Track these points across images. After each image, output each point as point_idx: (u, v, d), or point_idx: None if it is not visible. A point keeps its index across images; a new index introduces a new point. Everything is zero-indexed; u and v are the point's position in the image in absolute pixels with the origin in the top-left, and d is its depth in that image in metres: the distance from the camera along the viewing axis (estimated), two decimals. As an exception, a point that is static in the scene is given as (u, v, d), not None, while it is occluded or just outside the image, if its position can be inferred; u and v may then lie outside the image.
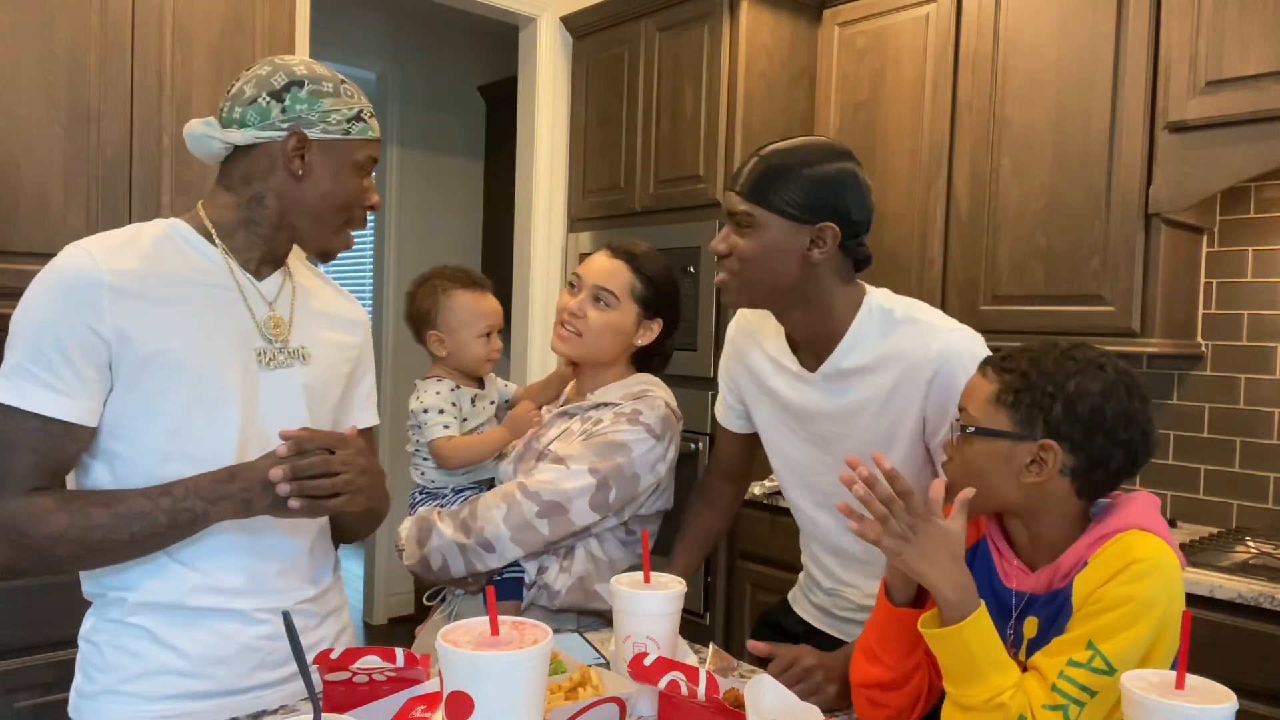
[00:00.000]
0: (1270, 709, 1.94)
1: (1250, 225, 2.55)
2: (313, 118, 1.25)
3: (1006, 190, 2.67)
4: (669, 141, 3.20)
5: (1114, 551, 1.10)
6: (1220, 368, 2.59)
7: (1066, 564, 1.14)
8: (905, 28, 2.92)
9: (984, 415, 1.16)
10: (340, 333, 1.40)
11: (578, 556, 1.65)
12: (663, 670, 1.09)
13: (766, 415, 1.62)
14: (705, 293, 3.04)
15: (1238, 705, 0.92)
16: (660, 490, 1.71)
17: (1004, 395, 1.15)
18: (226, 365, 1.23)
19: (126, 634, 1.21)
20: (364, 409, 1.46)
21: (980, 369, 1.21)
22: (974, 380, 1.21)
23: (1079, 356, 1.15)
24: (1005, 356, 1.20)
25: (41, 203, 2.21)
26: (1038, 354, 1.17)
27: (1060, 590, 1.14)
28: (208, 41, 2.42)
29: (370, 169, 1.32)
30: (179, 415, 1.19)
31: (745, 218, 1.40)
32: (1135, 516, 1.14)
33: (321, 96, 1.26)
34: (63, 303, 1.14)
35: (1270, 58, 2.18)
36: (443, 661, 0.94)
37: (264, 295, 1.30)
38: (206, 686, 1.22)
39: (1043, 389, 1.13)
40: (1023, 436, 1.13)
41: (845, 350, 1.45)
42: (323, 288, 1.43)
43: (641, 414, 1.64)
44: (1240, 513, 2.55)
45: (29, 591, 1.98)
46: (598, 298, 1.70)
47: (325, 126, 1.25)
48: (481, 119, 4.98)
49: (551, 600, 1.64)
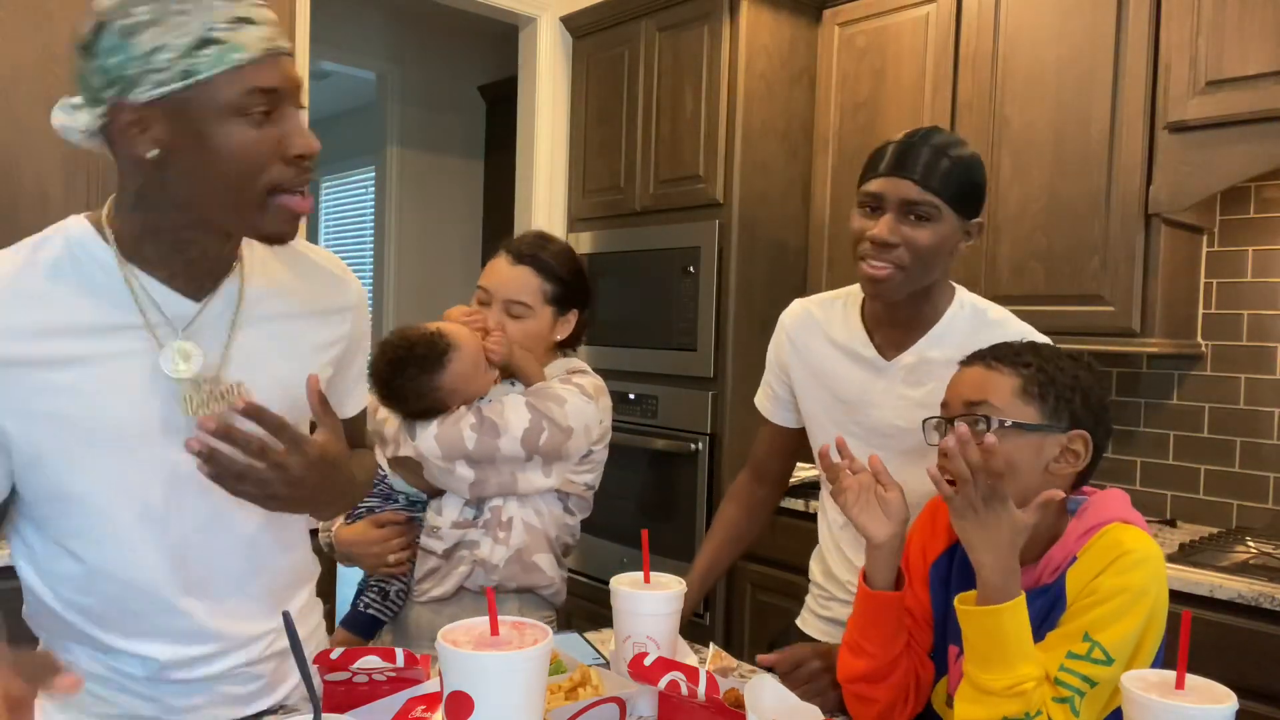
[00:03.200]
0: (1270, 709, 1.94)
1: (1250, 225, 2.55)
2: (134, 73, 0.90)
3: (1006, 190, 2.67)
4: (669, 141, 3.20)
5: (1104, 545, 1.12)
6: (1220, 368, 2.59)
7: (1056, 558, 1.15)
8: (905, 28, 2.91)
9: (1011, 408, 1.15)
10: (316, 328, 1.16)
11: (515, 528, 1.64)
12: (663, 670, 1.10)
13: (818, 405, 1.58)
14: (705, 293, 3.04)
15: (1238, 705, 0.92)
16: (592, 462, 1.72)
17: (1029, 388, 1.15)
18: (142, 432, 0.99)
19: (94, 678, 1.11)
20: (351, 395, 1.27)
21: (984, 362, 1.19)
22: (982, 373, 1.18)
23: (1062, 352, 1.19)
24: (1001, 350, 1.19)
25: (41, 203, 2.21)
26: (1033, 348, 1.18)
27: (1050, 585, 1.14)
28: (208, 41, 2.41)
29: (268, 102, 0.93)
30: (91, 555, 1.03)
31: (928, 209, 1.35)
32: (1116, 510, 1.16)
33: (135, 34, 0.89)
34: None
35: (1270, 58, 2.18)
36: (443, 661, 0.94)
37: (173, 323, 1.02)
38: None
39: (1064, 382, 1.15)
40: (1053, 428, 1.15)
41: (935, 339, 1.46)
42: (293, 280, 1.14)
43: (573, 379, 1.69)
44: (1240, 513, 2.55)
45: (29, 591, 1.97)
46: (511, 312, 1.69)
47: (153, 78, 0.90)
48: (481, 119, 4.98)
49: (489, 576, 1.63)
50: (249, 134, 0.93)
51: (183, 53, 0.90)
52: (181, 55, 0.90)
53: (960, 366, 1.22)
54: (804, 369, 1.60)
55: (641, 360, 3.20)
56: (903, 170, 1.35)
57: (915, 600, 1.29)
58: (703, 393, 3.05)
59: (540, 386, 1.67)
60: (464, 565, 1.64)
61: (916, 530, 1.33)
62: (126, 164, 0.98)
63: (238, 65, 0.91)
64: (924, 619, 1.28)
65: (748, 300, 3.05)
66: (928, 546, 1.30)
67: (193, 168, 0.94)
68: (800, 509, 2.80)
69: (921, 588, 1.29)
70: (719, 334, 3.03)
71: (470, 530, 1.64)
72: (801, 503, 2.79)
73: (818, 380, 1.57)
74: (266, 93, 0.93)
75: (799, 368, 1.61)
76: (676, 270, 3.12)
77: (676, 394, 3.16)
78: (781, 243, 3.15)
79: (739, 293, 3.03)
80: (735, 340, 3.03)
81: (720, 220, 3.03)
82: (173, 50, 0.90)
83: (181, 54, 0.90)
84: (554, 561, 1.71)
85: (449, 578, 1.66)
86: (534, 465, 1.62)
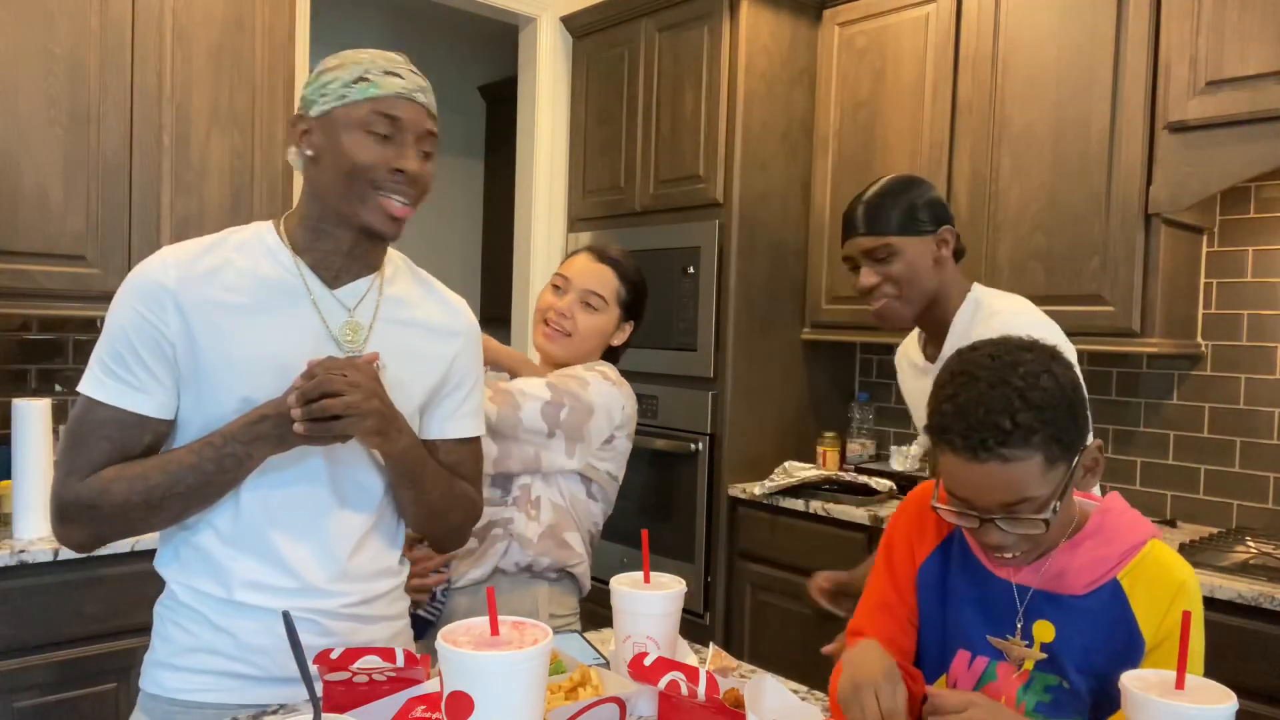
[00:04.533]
0: (1270, 709, 1.94)
1: (1250, 225, 2.55)
2: (314, 97, 1.23)
3: (1006, 190, 2.67)
4: (669, 141, 3.20)
5: (1157, 573, 1.11)
6: (1220, 368, 2.59)
7: (1087, 572, 1.12)
8: (905, 28, 2.92)
9: (1048, 482, 1.05)
10: (431, 343, 1.35)
11: (543, 506, 1.70)
12: (663, 670, 1.10)
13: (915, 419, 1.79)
14: (705, 293, 3.04)
15: (1238, 705, 0.92)
16: (614, 449, 1.75)
17: (1050, 452, 1.05)
18: (285, 373, 1.20)
19: (184, 613, 1.26)
20: (454, 419, 1.40)
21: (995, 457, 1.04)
22: (1002, 470, 1.04)
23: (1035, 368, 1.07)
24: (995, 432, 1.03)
25: (41, 203, 2.21)
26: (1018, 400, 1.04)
27: (1084, 597, 1.12)
28: (208, 41, 2.42)
29: (388, 127, 1.21)
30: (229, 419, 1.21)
31: (882, 250, 1.59)
32: (1141, 523, 1.16)
33: (325, 73, 1.23)
34: (134, 306, 1.21)
35: (1270, 58, 2.18)
36: (443, 661, 0.94)
37: (342, 303, 1.28)
38: (250, 671, 1.25)
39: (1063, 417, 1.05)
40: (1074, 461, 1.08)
41: (954, 338, 1.59)
42: (422, 298, 1.37)
43: (595, 367, 1.75)
44: (1240, 513, 2.55)
45: (28, 592, 1.98)
46: (588, 302, 1.76)
47: (322, 100, 1.22)
48: (481, 119, 4.99)
49: (525, 550, 1.68)
50: (369, 144, 1.21)
51: (344, 84, 1.22)
52: (343, 86, 1.22)
53: (965, 462, 1.06)
54: (907, 395, 1.85)
55: (641, 360, 3.20)
56: (853, 231, 1.63)
57: (900, 601, 1.26)
58: (703, 393, 3.05)
59: (562, 371, 1.72)
60: (500, 543, 1.68)
61: (900, 527, 1.30)
62: (301, 164, 1.26)
63: (375, 97, 1.21)
64: (908, 620, 1.26)
65: (748, 300, 3.05)
66: (915, 546, 1.27)
67: (330, 164, 1.22)
68: (800, 509, 2.80)
69: (909, 589, 1.26)
70: (719, 334, 3.04)
71: (502, 508, 1.69)
72: (801, 503, 2.79)
73: (913, 402, 1.81)
74: (389, 119, 1.21)
75: (907, 395, 1.85)
76: (676, 270, 3.13)
77: (676, 394, 3.16)
78: (781, 243, 3.15)
79: (739, 293, 3.03)
80: (735, 340, 3.03)
81: (720, 220, 3.03)
82: (340, 83, 1.22)
83: (343, 85, 1.22)
84: (582, 541, 1.76)
85: (485, 559, 1.69)
86: (556, 442, 1.67)
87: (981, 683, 1.18)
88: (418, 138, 1.24)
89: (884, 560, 1.31)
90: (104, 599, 2.06)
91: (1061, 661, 1.13)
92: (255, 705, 1.25)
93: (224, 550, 1.24)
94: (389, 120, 1.21)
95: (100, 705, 2.07)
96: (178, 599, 1.27)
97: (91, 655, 2.05)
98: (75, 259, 2.26)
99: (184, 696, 1.25)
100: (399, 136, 1.22)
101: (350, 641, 1.29)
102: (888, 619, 1.27)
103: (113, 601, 2.07)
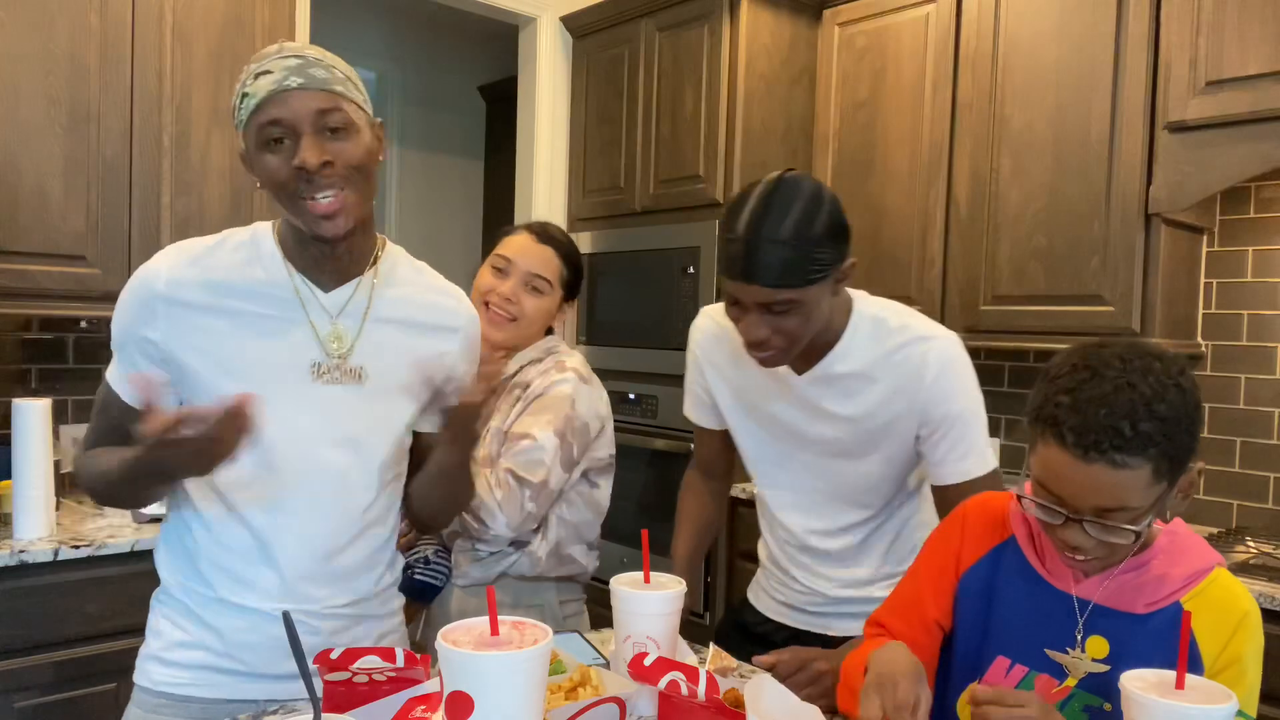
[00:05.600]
0: (1270, 709, 1.93)
1: (1250, 225, 2.55)
2: (240, 125, 1.20)
3: (1006, 190, 2.67)
4: (669, 141, 3.20)
5: (1219, 597, 1.09)
6: (1220, 368, 2.59)
7: (1149, 591, 1.10)
8: (905, 28, 2.92)
9: (1148, 495, 1.02)
10: (428, 341, 1.33)
11: (551, 524, 1.71)
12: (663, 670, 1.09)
13: (734, 410, 1.62)
14: (705, 293, 3.04)
15: (1238, 705, 0.92)
16: (603, 435, 1.75)
17: (1160, 466, 1.01)
18: (268, 379, 1.22)
19: (174, 607, 1.29)
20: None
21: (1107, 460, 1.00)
22: (1111, 475, 1.00)
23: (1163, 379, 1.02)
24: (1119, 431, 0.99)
25: (41, 203, 2.21)
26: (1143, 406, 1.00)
27: (1144, 617, 1.10)
28: (208, 41, 2.42)
29: (279, 133, 1.16)
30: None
31: (784, 305, 1.32)
32: (1208, 549, 1.13)
33: (239, 93, 1.19)
34: (128, 305, 1.25)
35: (1270, 58, 2.18)
36: (443, 661, 0.94)
37: (331, 308, 1.27)
38: (237, 666, 1.26)
39: (1183, 435, 1.01)
40: (1177, 480, 1.05)
41: (838, 356, 1.46)
42: (418, 294, 1.35)
43: (564, 363, 1.71)
44: (1240, 513, 2.55)
45: (28, 592, 1.98)
46: (534, 286, 1.72)
47: (239, 129, 1.20)
48: (481, 119, 4.98)
49: (533, 567, 1.70)
50: (273, 158, 1.18)
51: (238, 108, 1.19)
52: (239, 110, 1.19)
53: (1071, 458, 1.01)
54: (717, 376, 1.62)
55: (641, 360, 3.20)
56: (749, 276, 1.30)
57: (934, 604, 1.25)
58: (703, 393, 3.05)
59: (542, 390, 1.67)
60: (509, 557, 1.69)
61: (945, 537, 1.28)
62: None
63: (255, 108, 1.16)
64: (936, 623, 1.25)
65: (748, 300, 3.05)
66: (962, 552, 1.24)
67: (264, 186, 1.21)
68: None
69: (947, 596, 1.25)
70: (719, 334, 3.04)
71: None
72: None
73: (729, 385, 1.60)
74: (273, 124, 1.16)
75: (713, 376, 1.63)
76: (676, 270, 3.13)
77: (677, 394, 3.15)
78: (781, 243, 3.14)
79: (739, 293, 3.02)
80: (735, 340, 3.03)
81: (720, 220, 3.03)
82: (238, 109, 1.19)
83: (239, 109, 1.19)
84: (585, 549, 1.79)
85: (493, 566, 1.69)
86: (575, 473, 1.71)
87: None
88: (312, 123, 1.16)
89: (922, 565, 1.30)
90: (104, 599, 2.06)
91: (1109, 682, 1.09)
92: (243, 701, 1.26)
93: (213, 548, 1.26)
94: (274, 124, 1.16)
95: (100, 705, 2.07)
96: (170, 594, 1.30)
97: (91, 655, 2.05)
98: (75, 259, 2.26)
99: (173, 690, 1.26)
100: (290, 135, 1.17)
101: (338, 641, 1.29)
102: (914, 618, 1.26)
103: (113, 601, 2.07)
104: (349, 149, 1.19)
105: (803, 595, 1.62)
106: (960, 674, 1.23)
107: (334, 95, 1.18)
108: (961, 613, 1.24)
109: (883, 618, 1.31)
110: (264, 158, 1.18)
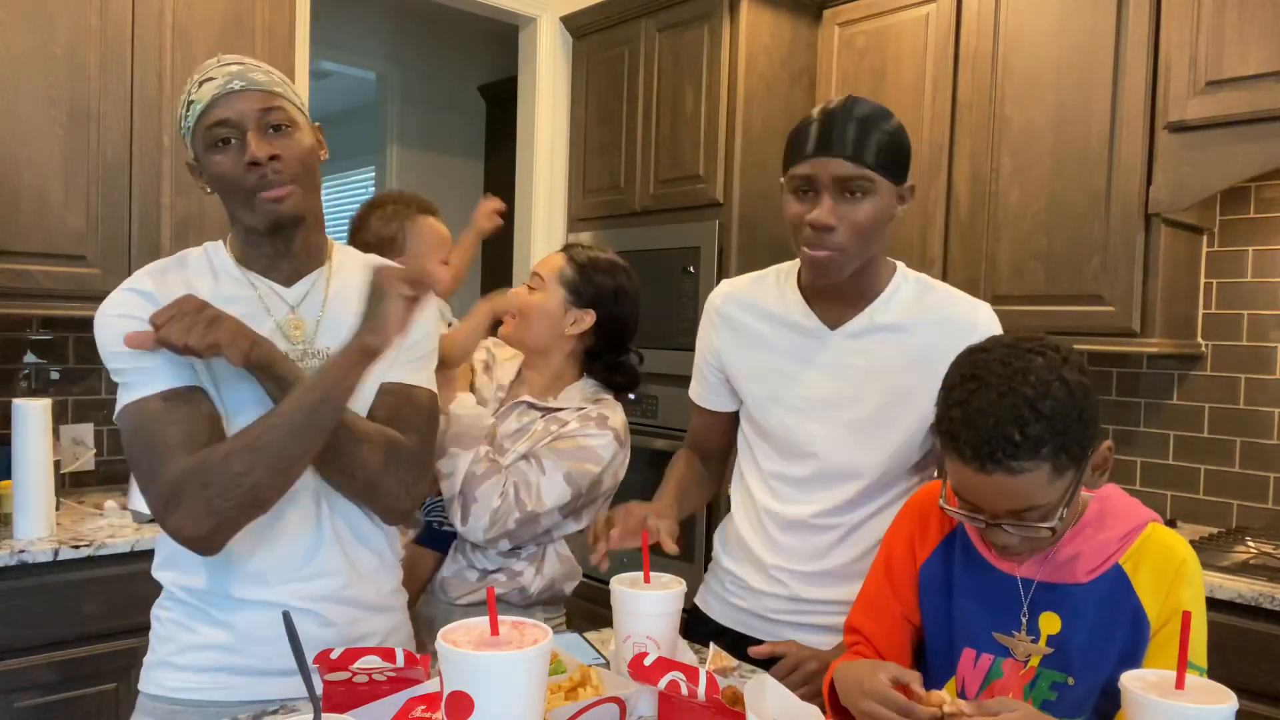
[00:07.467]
0: (1270, 709, 1.94)
1: (1250, 225, 2.55)
2: (185, 139, 1.28)
3: (1006, 190, 2.67)
4: (669, 141, 3.20)
5: (1157, 554, 1.12)
6: (1220, 368, 2.59)
7: (1088, 559, 1.13)
8: (905, 28, 2.92)
9: (1054, 490, 1.05)
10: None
11: (549, 558, 1.72)
12: (663, 670, 1.09)
13: (755, 381, 1.54)
14: (705, 293, 3.02)
15: (1238, 705, 0.92)
16: (612, 492, 1.75)
17: (1058, 461, 1.03)
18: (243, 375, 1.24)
19: (182, 611, 1.29)
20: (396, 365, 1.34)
21: (1003, 469, 1.02)
22: (1008, 481, 1.03)
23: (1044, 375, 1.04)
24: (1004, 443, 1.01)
25: (41, 203, 2.21)
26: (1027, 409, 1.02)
27: (1089, 585, 1.13)
28: (208, 41, 2.42)
29: (226, 133, 1.23)
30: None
31: (861, 183, 1.30)
32: (1139, 508, 1.17)
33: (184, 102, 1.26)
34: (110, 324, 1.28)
35: (1270, 58, 2.18)
36: (443, 661, 0.94)
37: (287, 300, 1.31)
38: (251, 663, 1.26)
39: (1075, 427, 1.03)
40: (1083, 467, 1.07)
41: (881, 306, 1.44)
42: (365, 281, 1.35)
43: (608, 419, 1.69)
44: (1240, 513, 2.55)
45: (28, 592, 1.98)
46: (530, 285, 1.76)
47: (187, 139, 1.27)
48: (481, 119, 4.98)
49: (524, 598, 1.70)
50: (223, 160, 1.24)
51: (184, 118, 1.26)
52: (185, 119, 1.25)
53: (973, 472, 1.05)
54: (737, 347, 1.56)
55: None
56: (831, 149, 1.30)
57: (897, 599, 1.27)
58: (703, 393, 3.05)
59: (576, 435, 1.65)
60: (502, 587, 1.68)
61: (901, 528, 1.30)
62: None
63: (201, 112, 1.23)
64: (904, 617, 1.27)
65: (748, 300, 3.05)
66: (917, 546, 1.27)
67: (216, 189, 1.27)
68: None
69: (909, 590, 1.27)
70: (719, 334, 3.03)
71: (514, 560, 1.69)
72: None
73: (754, 354, 1.54)
74: (220, 124, 1.23)
75: (732, 347, 1.57)
76: (676, 270, 3.12)
77: (677, 394, 3.16)
78: (781, 243, 3.14)
79: (739, 293, 3.03)
80: (735, 340, 3.03)
81: (720, 220, 3.03)
82: (183, 119, 1.26)
83: (184, 119, 1.26)
84: (573, 580, 1.79)
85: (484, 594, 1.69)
86: (570, 520, 1.70)
87: (988, 680, 1.18)
88: (257, 122, 1.23)
89: (883, 560, 1.31)
90: (104, 599, 2.06)
91: (1069, 655, 1.13)
92: (258, 701, 1.25)
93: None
94: (221, 125, 1.23)
95: (100, 705, 2.07)
96: (175, 598, 1.29)
97: (91, 655, 2.05)
98: (75, 259, 2.26)
99: (186, 695, 1.26)
100: (236, 135, 1.23)
101: (350, 632, 1.30)
102: (885, 617, 1.28)
103: (113, 601, 2.07)
104: (293, 145, 1.25)
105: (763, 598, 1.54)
106: (938, 671, 1.24)
107: (274, 95, 1.25)
108: (926, 606, 1.26)
109: (856, 622, 1.31)
110: (213, 159, 1.24)
